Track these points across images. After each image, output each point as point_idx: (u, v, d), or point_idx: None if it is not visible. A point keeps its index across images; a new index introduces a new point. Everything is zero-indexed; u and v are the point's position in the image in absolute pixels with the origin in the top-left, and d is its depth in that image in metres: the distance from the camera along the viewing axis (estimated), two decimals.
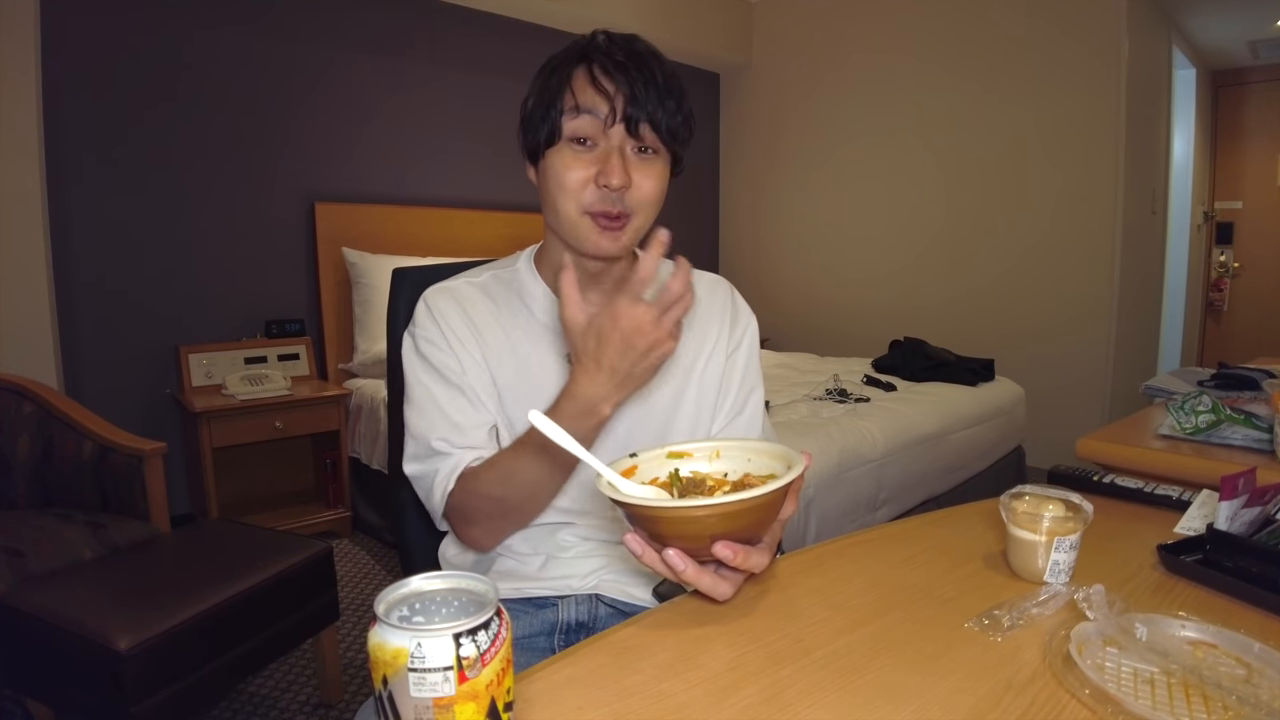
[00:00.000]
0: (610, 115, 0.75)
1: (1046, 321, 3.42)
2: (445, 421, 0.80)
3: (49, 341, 2.29)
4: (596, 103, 0.75)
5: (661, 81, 0.77)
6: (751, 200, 4.57)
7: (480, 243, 3.34)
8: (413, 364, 0.84)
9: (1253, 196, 4.81)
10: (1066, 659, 0.54)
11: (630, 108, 0.75)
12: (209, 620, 1.31)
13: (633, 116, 0.75)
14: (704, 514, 0.56)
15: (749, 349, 0.93)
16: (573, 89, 0.76)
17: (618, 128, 0.76)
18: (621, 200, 0.77)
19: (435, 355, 0.83)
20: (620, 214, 0.77)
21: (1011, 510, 0.70)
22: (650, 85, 0.76)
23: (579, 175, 0.76)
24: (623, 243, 0.80)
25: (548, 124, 0.77)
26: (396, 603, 0.45)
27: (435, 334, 0.83)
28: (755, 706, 0.50)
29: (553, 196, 0.79)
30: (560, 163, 0.77)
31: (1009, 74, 3.42)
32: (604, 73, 0.76)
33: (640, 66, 0.76)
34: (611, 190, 0.75)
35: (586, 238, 0.78)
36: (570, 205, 0.77)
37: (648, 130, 0.76)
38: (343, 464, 2.71)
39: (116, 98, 2.49)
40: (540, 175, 0.81)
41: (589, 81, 0.76)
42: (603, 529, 0.85)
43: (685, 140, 0.81)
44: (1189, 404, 1.17)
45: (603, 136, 0.76)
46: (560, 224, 0.80)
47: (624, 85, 0.75)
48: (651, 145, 0.78)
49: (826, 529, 1.87)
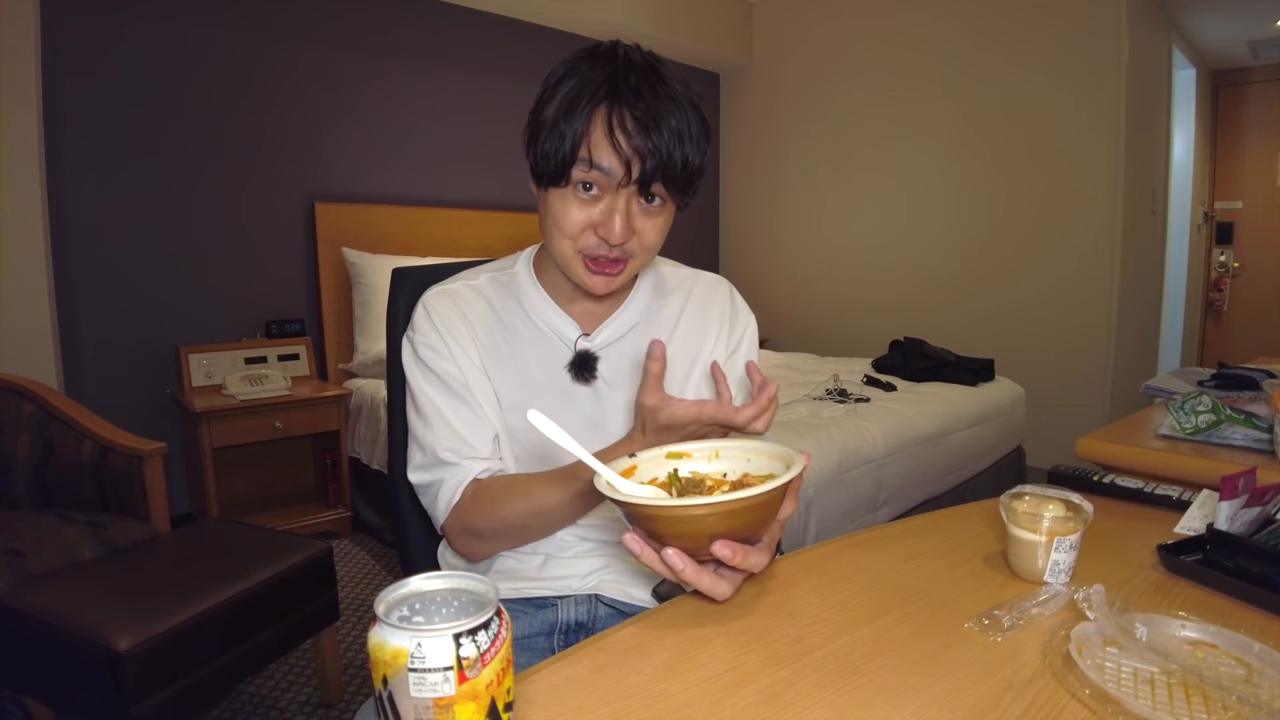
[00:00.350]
0: (625, 178, 0.72)
1: (1046, 321, 3.42)
2: (451, 432, 0.81)
3: (49, 341, 2.29)
4: (613, 164, 0.72)
5: (684, 132, 0.73)
6: (751, 200, 4.57)
7: (480, 243, 3.34)
8: (414, 371, 0.84)
9: (1253, 196, 4.81)
10: (1066, 659, 0.54)
11: (645, 170, 0.72)
12: (209, 620, 1.31)
13: (647, 177, 0.72)
14: (703, 513, 0.56)
15: (749, 349, 0.93)
16: (590, 142, 0.72)
17: (629, 188, 0.74)
18: (621, 247, 0.76)
19: (437, 362, 0.82)
20: (618, 259, 0.77)
21: (1011, 510, 0.70)
22: (672, 140, 0.72)
23: (579, 220, 0.75)
24: (615, 285, 0.80)
25: (556, 163, 0.73)
26: (396, 603, 0.45)
27: (435, 339, 0.83)
28: (755, 706, 0.50)
29: (550, 232, 0.78)
30: (562, 206, 0.75)
31: (1009, 73, 3.42)
32: (622, 129, 0.71)
33: (661, 122, 0.71)
34: (610, 243, 0.75)
35: (580, 277, 0.79)
36: (567, 245, 0.77)
37: (659, 187, 0.74)
38: (343, 464, 2.71)
39: (117, 97, 2.49)
40: (541, 203, 0.80)
41: (606, 137, 0.71)
42: (602, 529, 0.85)
43: (696, 188, 0.79)
44: (1189, 404, 1.17)
45: (609, 191, 0.74)
46: (555, 257, 0.80)
47: (641, 146, 0.71)
48: (660, 200, 0.76)
49: (826, 529, 1.87)
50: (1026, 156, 3.42)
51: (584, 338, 0.85)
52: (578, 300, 0.86)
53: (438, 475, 0.81)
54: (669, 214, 0.79)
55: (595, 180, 0.73)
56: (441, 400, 0.82)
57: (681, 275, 0.95)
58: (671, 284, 0.93)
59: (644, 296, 0.89)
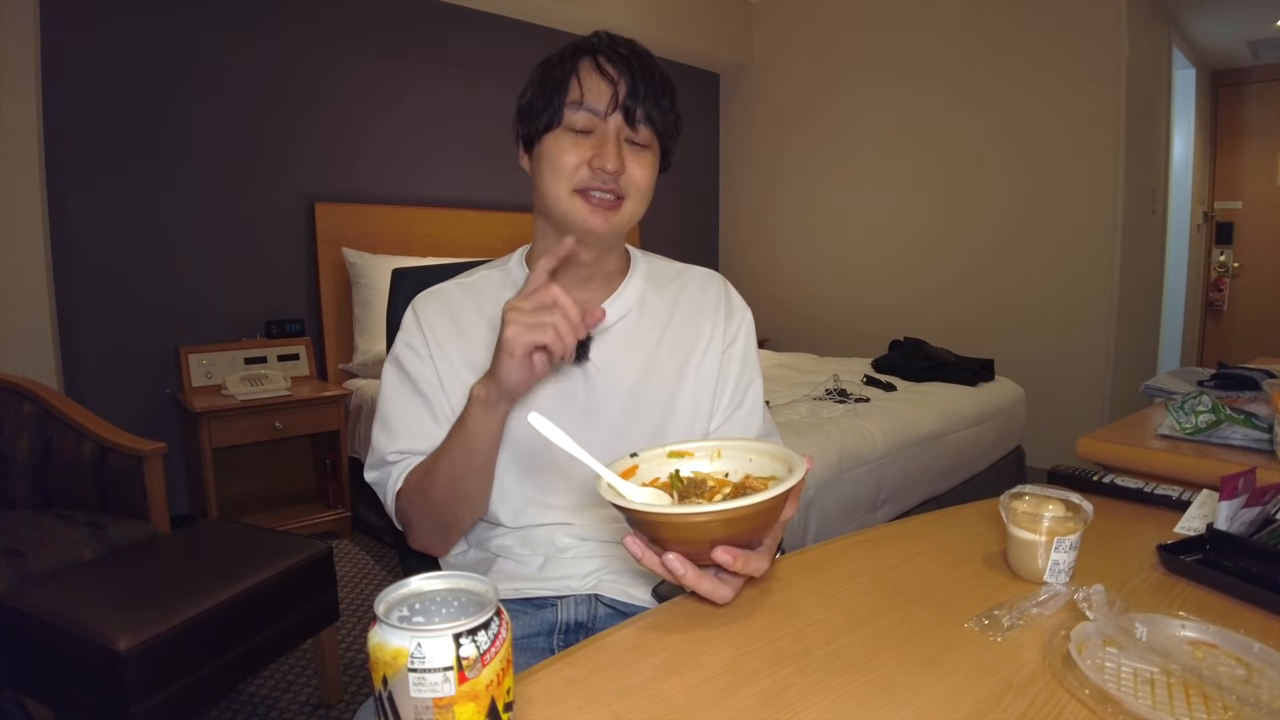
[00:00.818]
0: (611, 104, 0.78)
1: (1046, 321, 3.42)
2: (406, 434, 0.84)
3: (49, 341, 2.29)
4: (600, 91, 0.78)
5: (659, 80, 0.81)
6: (751, 200, 4.57)
7: (480, 243, 3.34)
8: (388, 371, 0.87)
9: (1252, 196, 4.81)
10: (1066, 659, 0.54)
11: (629, 99, 0.78)
12: (209, 620, 1.31)
13: (631, 107, 0.78)
14: (704, 520, 0.56)
15: (745, 342, 0.93)
16: (578, 77, 0.79)
17: (615, 116, 0.78)
18: (615, 182, 0.79)
19: (413, 363, 0.85)
20: (615, 194, 0.79)
21: (1011, 510, 0.70)
22: (650, 81, 0.79)
23: (573, 158, 0.78)
24: (613, 223, 0.81)
25: (549, 111, 0.79)
26: (396, 603, 0.45)
27: (419, 342, 0.85)
28: (755, 706, 0.50)
29: (545, 178, 0.80)
30: (556, 147, 0.79)
31: (1009, 74, 3.42)
32: (609, 62, 0.79)
33: (641, 63, 0.80)
34: (606, 173, 0.77)
35: (578, 216, 0.80)
36: (563, 186, 0.79)
37: (643, 123, 0.80)
38: (343, 464, 2.71)
39: (116, 98, 2.49)
40: (535, 159, 0.82)
41: (594, 69, 0.79)
42: (602, 530, 0.85)
43: (675, 137, 0.85)
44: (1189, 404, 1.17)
45: (601, 126, 0.79)
46: (551, 206, 0.81)
47: (626, 76, 0.78)
48: (644, 141, 0.81)
49: (826, 529, 1.87)
50: (1026, 157, 3.42)
51: None
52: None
53: (385, 472, 0.85)
54: (655, 160, 0.83)
55: (584, 122, 0.79)
56: (404, 401, 0.85)
57: (675, 269, 0.96)
58: (665, 277, 0.93)
59: (637, 285, 0.90)
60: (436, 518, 0.82)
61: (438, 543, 0.87)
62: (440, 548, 0.88)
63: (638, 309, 0.89)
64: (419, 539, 0.86)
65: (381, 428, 0.85)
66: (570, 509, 0.85)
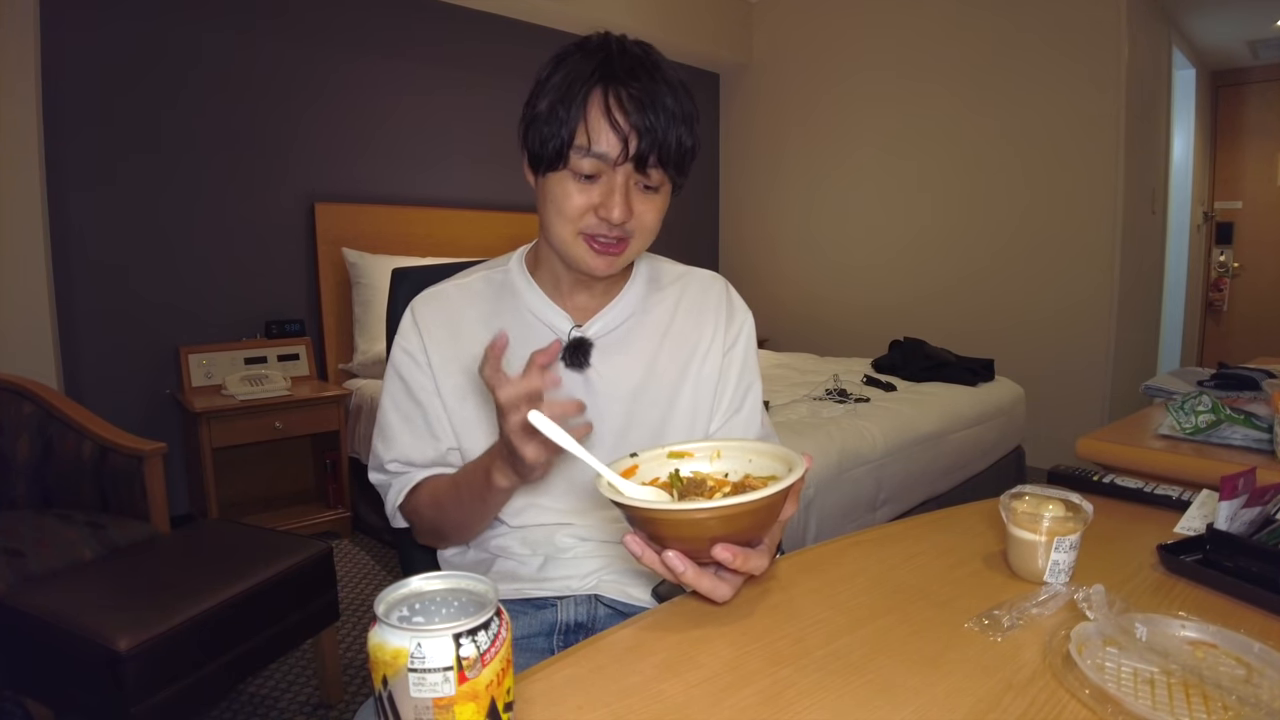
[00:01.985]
0: (621, 155, 0.74)
1: (1046, 321, 3.42)
2: (401, 446, 0.86)
3: (49, 341, 2.29)
4: (610, 144, 0.73)
5: (678, 112, 0.75)
6: (751, 200, 4.57)
7: (480, 243, 3.34)
8: (389, 374, 0.88)
9: (1252, 196, 4.81)
10: (1066, 659, 0.54)
11: (641, 147, 0.73)
12: (209, 620, 1.31)
13: (643, 156, 0.74)
14: (704, 516, 0.56)
15: (745, 345, 0.93)
16: (587, 124, 0.73)
17: (625, 166, 0.75)
18: (621, 228, 0.77)
19: (409, 369, 0.85)
20: (619, 239, 0.78)
21: (1011, 510, 0.70)
22: (668, 120, 0.74)
23: (579, 204, 0.76)
24: (616, 266, 0.80)
25: (554, 147, 0.74)
26: (396, 603, 0.45)
27: (416, 347, 0.85)
28: (755, 706, 0.50)
29: (550, 215, 0.79)
30: (561, 189, 0.76)
31: (1009, 74, 3.42)
32: (619, 108, 0.73)
33: (656, 101, 0.74)
34: (612, 223, 0.75)
35: (581, 259, 0.79)
36: (567, 229, 0.77)
37: (655, 167, 0.75)
38: (343, 464, 2.71)
39: (116, 99, 2.49)
40: (539, 190, 0.80)
41: (603, 115, 0.73)
42: (602, 530, 0.85)
43: (689, 169, 0.80)
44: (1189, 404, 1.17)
45: (607, 172, 0.75)
46: (555, 242, 0.80)
47: (638, 124, 0.73)
48: (655, 183, 0.77)
49: (826, 529, 1.87)
50: (1026, 157, 3.42)
51: (577, 329, 0.85)
52: (571, 294, 0.86)
53: (386, 479, 0.88)
54: (665, 197, 0.80)
55: (592, 166, 0.75)
56: (403, 409, 0.86)
57: (677, 271, 0.95)
58: (666, 279, 0.93)
59: (638, 290, 0.89)
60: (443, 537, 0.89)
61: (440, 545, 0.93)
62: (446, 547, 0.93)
63: (639, 314, 0.88)
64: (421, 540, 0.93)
65: (379, 435, 0.88)
66: (570, 509, 0.85)
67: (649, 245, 0.83)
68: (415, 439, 0.85)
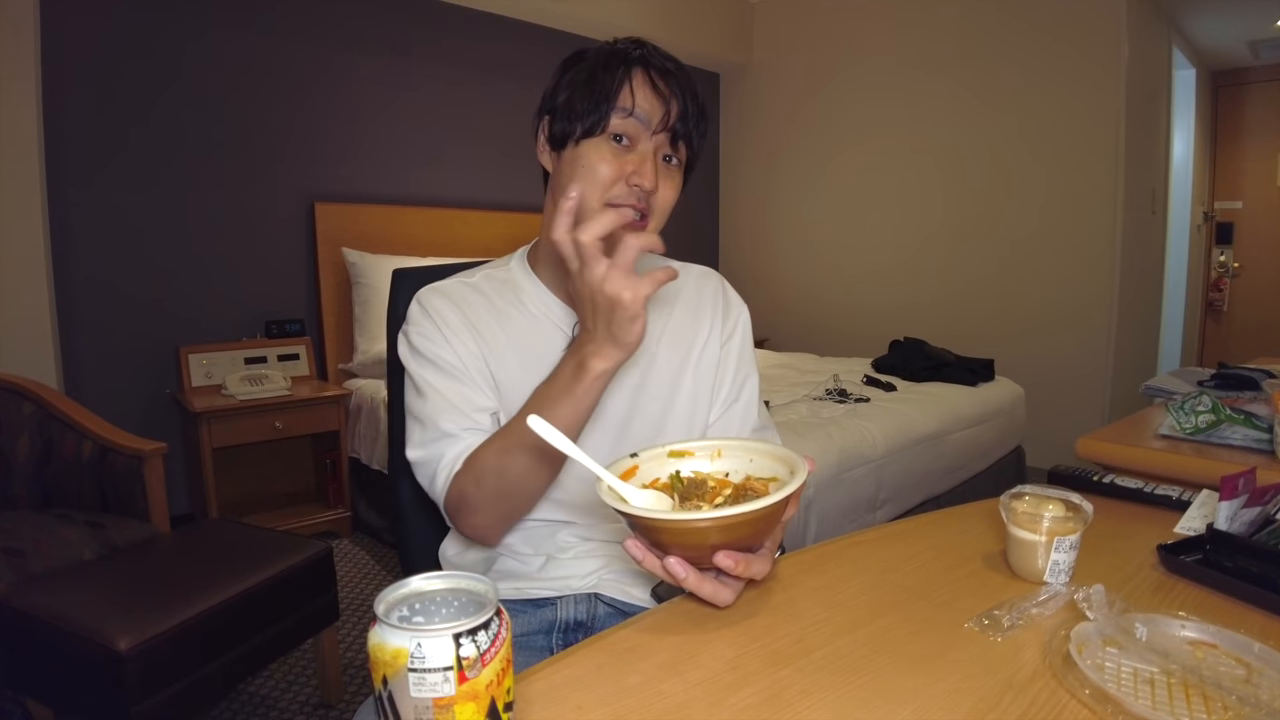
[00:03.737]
0: (661, 122, 0.77)
1: (1046, 321, 3.42)
2: (451, 407, 0.80)
3: (49, 341, 2.29)
4: (653, 105, 0.77)
5: (698, 100, 0.81)
6: (751, 200, 4.57)
7: (480, 243, 3.34)
8: (410, 360, 0.84)
9: (1253, 196, 4.81)
10: (1066, 659, 0.54)
11: (679, 121, 0.78)
12: (209, 620, 1.31)
13: (679, 129, 0.78)
14: (705, 525, 0.56)
15: (742, 338, 0.94)
16: (632, 87, 0.77)
17: (661, 135, 0.78)
18: (647, 200, 0.78)
19: (432, 349, 0.82)
20: (643, 213, 0.78)
21: (1011, 510, 0.70)
22: (695, 103, 0.80)
23: (612, 170, 0.76)
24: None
25: (594, 115, 0.77)
26: (396, 603, 0.45)
27: (431, 330, 0.83)
28: (755, 706, 0.50)
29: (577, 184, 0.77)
30: (596, 154, 0.77)
31: (1009, 74, 3.42)
32: (661, 78, 0.78)
33: (688, 83, 0.80)
34: (643, 190, 0.76)
35: None
36: (596, 197, 0.77)
37: (683, 143, 0.80)
38: (343, 464, 2.71)
39: (116, 97, 2.49)
40: (566, 161, 0.79)
41: (647, 81, 0.77)
42: (604, 530, 0.85)
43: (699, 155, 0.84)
44: (1189, 404, 1.17)
45: (643, 139, 0.78)
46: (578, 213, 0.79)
47: (677, 93, 0.78)
48: (679, 158, 0.81)
49: (826, 529, 1.87)
50: (1027, 157, 3.42)
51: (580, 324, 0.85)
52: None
53: (438, 450, 0.79)
54: (680, 178, 0.83)
55: (630, 130, 0.77)
56: (439, 381, 0.81)
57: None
58: None
59: None
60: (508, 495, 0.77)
61: (495, 527, 0.81)
62: (495, 534, 0.83)
63: None
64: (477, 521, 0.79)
65: (423, 403, 0.80)
66: (572, 508, 0.85)
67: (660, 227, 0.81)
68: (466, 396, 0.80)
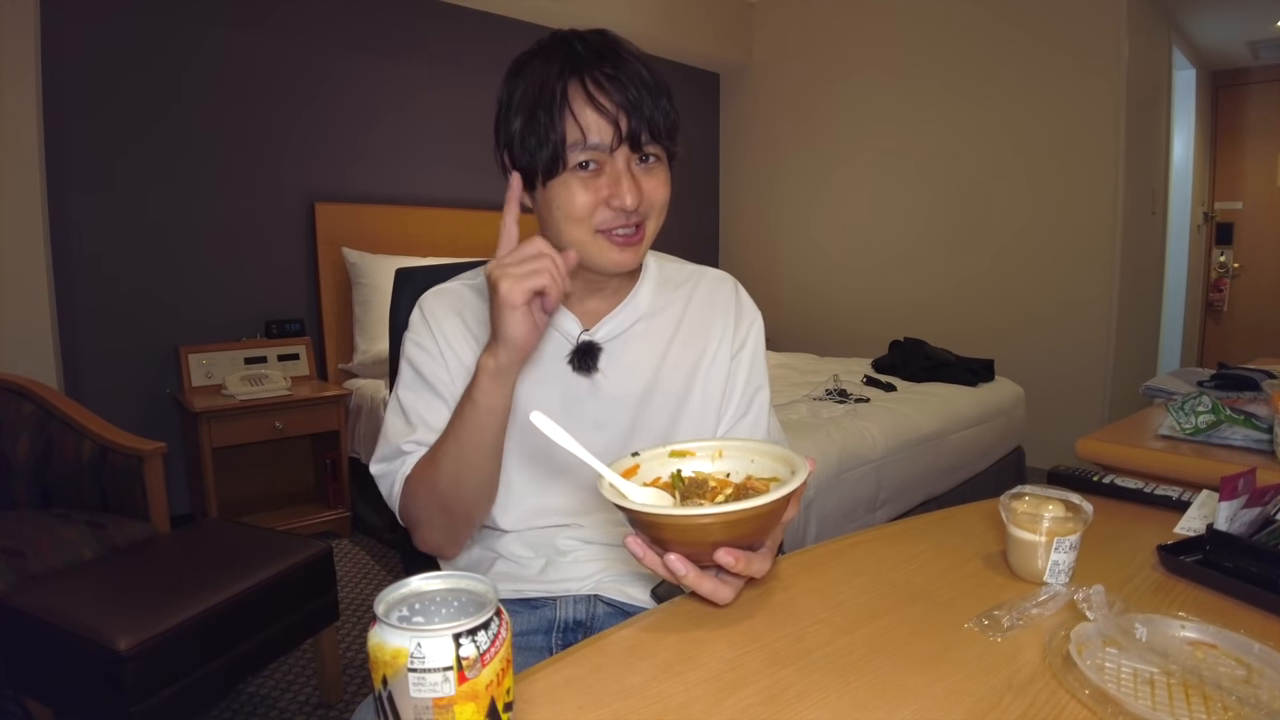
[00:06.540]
0: (615, 139, 0.73)
1: (1047, 321, 3.42)
2: (408, 424, 0.81)
3: (49, 341, 2.29)
4: (600, 127, 0.72)
5: (654, 84, 0.75)
6: (751, 200, 4.57)
7: (480, 243, 3.34)
8: (402, 368, 0.85)
9: (1253, 197, 4.81)
10: (1066, 659, 0.54)
11: (633, 125, 0.73)
12: (209, 620, 1.31)
13: (636, 134, 0.73)
14: (707, 522, 0.56)
15: (754, 347, 0.91)
16: (574, 116, 0.72)
17: (622, 150, 0.74)
18: (636, 212, 0.75)
19: (424, 362, 0.83)
20: (637, 225, 0.77)
21: (1011, 510, 0.70)
22: (644, 90, 0.74)
23: (588, 199, 0.74)
24: (641, 254, 0.79)
25: (548, 154, 0.73)
26: (396, 603, 0.45)
27: (428, 341, 0.83)
28: (755, 706, 0.50)
29: (560, 224, 0.76)
30: (567, 193, 0.74)
31: (1009, 74, 3.42)
32: (600, 92, 0.72)
33: (629, 74, 0.74)
34: (627, 210, 0.74)
35: (604, 256, 0.77)
36: (582, 230, 0.75)
37: (649, 140, 0.75)
38: (343, 464, 2.71)
39: (116, 98, 2.49)
40: (541, 203, 0.78)
41: (587, 104, 0.72)
42: (603, 533, 0.85)
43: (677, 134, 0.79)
44: (1189, 404, 1.17)
45: (608, 161, 0.74)
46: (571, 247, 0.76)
47: (623, 102, 0.73)
48: (654, 153, 0.77)
49: (826, 529, 1.87)
50: (1026, 157, 3.42)
51: (586, 332, 0.85)
52: (582, 299, 0.85)
53: (393, 466, 0.80)
54: (666, 169, 0.79)
55: (591, 155, 0.73)
56: (411, 396, 0.82)
57: (686, 271, 0.93)
58: (676, 280, 0.91)
59: (647, 293, 0.88)
60: (444, 507, 0.77)
61: (446, 539, 0.83)
62: (449, 545, 0.84)
63: (647, 316, 0.87)
64: (427, 535, 0.81)
65: (397, 419, 0.82)
66: (573, 511, 0.85)
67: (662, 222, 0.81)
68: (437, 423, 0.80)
